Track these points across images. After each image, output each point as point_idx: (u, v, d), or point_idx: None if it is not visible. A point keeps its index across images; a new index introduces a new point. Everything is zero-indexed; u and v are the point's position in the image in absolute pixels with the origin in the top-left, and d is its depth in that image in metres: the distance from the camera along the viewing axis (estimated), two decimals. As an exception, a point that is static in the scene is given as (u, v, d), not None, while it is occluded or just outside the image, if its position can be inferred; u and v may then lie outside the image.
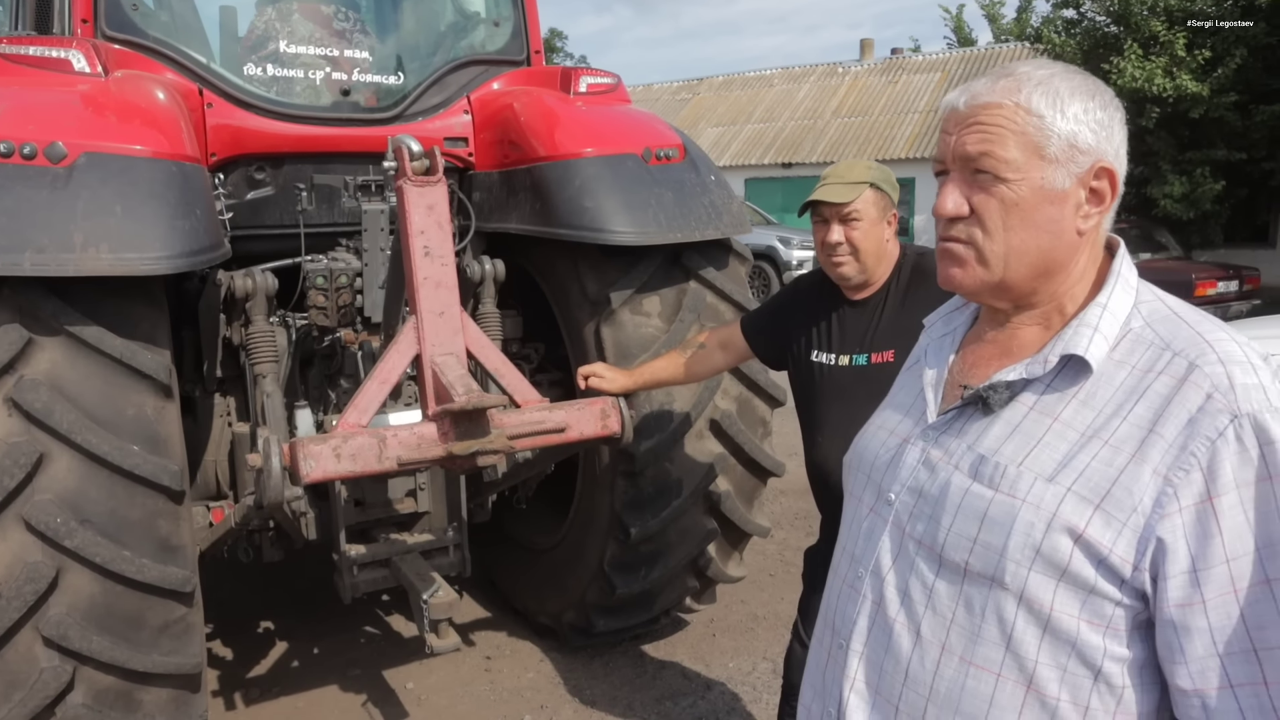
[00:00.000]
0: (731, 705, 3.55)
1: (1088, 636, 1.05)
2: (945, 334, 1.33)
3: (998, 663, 1.09)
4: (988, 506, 1.09)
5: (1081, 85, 1.11)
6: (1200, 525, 0.98)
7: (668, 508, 3.32)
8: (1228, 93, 13.15)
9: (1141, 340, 1.09)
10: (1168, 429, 1.01)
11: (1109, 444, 1.04)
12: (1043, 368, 1.12)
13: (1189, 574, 0.99)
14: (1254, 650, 0.97)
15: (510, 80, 3.82)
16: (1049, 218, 1.11)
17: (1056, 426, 1.09)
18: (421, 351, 2.59)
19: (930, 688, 1.14)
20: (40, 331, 2.36)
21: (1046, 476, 1.06)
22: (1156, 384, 1.04)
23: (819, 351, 2.46)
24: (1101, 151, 1.10)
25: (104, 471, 2.37)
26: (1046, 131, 1.09)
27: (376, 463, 2.42)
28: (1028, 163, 1.09)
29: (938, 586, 1.14)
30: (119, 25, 3.20)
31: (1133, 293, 1.14)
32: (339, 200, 3.58)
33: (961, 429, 1.18)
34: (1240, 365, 1.01)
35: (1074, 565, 1.03)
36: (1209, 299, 11.12)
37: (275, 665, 3.89)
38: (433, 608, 2.96)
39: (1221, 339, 1.05)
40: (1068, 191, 1.10)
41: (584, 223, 3.14)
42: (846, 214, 2.29)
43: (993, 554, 1.08)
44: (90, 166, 2.43)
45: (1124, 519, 1.01)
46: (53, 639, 2.31)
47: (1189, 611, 0.99)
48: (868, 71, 26.02)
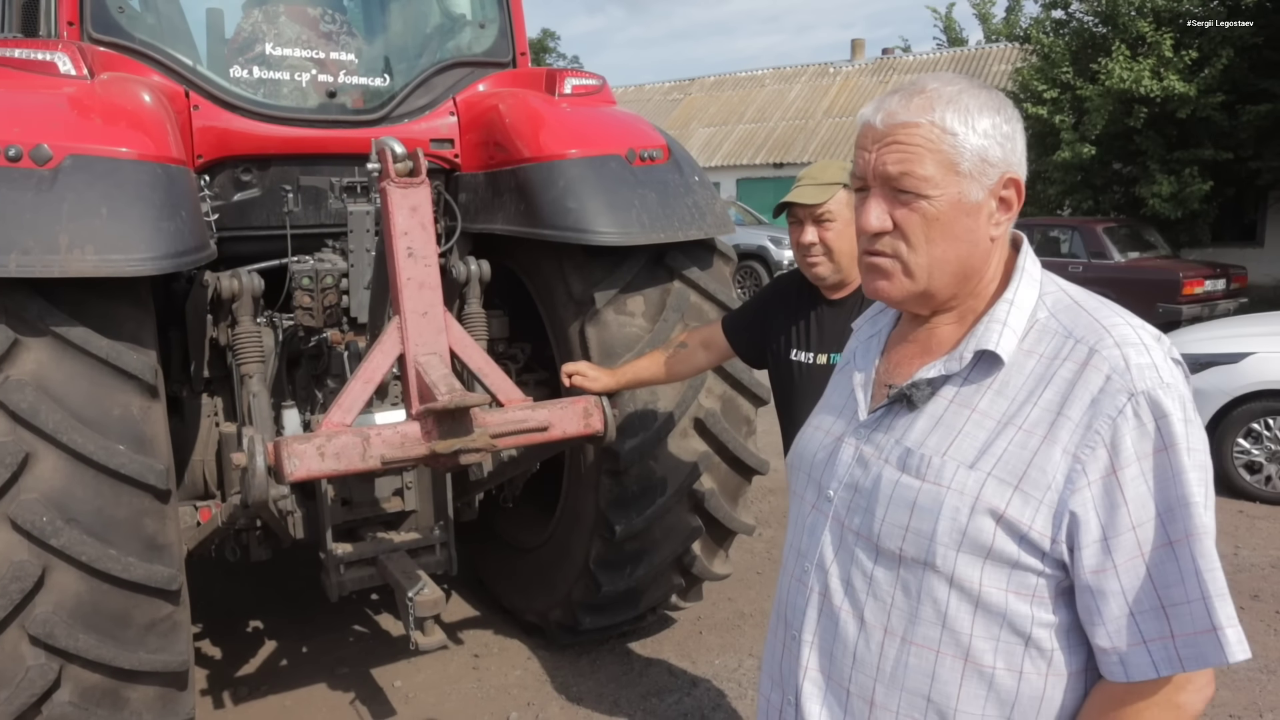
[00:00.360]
0: (717, 702, 3.58)
1: (1016, 607, 1.13)
2: (871, 335, 1.42)
3: (936, 640, 1.17)
4: (916, 496, 1.17)
5: (988, 101, 1.18)
6: (1107, 497, 1.07)
7: (652, 506, 3.35)
8: (1215, 93, 13.20)
9: (1047, 330, 1.18)
10: (1073, 410, 1.10)
11: (1022, 429, 1.13)
12: (959, 364, 1.20)
13: (1100, 543, 1.08)
14: (1162, 607, 1.06)
15: (496, 82, 3.84)
16: (966, 228, 1.18)
17: (975, 416, 1.17)
18: (405, 351, 2.62)
19: (877, 669, 1.21)
20: (26, 332, 2.38)
21: (968, 464, 1.15)
22: (1062, 370, 1.13)
23: (797, 350, 2.51)
24: (1009, 163, 1.18)
25: (90, 471, 2.39)
26: (960, 148, 1.16)
27: (360, 461, 2.45)
28: (945, 179, 1.16)
29: (876, 574, 1.22)
30: (105, 28, 3.22)
31: (1037, 285, 1.22)
32: (325, 201, 3.60)
33: (890, 425, 1.25)
34: (1134, 347, 1.11)
35: (998, 543, 1.12)
36: (1196, 297, 11.19)
37: (264, 664, 3.91)
38: (418, 605, 2.99)
39: (1117, 324, 1.14)
40: (981, 203, 1.18)
41: (568, 223, 3.17)
42: (820, 215, 2.33)
43: (923, 539, 1.16)
44: (76, 168, 2.45)
45: (1040, 497, 1.10)
46: (39, 637, 2.33)
47: (1103, 577, 1.08)
48: (859, 72, 26.10)
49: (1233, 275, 11.89)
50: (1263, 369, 5.76)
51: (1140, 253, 12.22)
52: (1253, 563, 4.88)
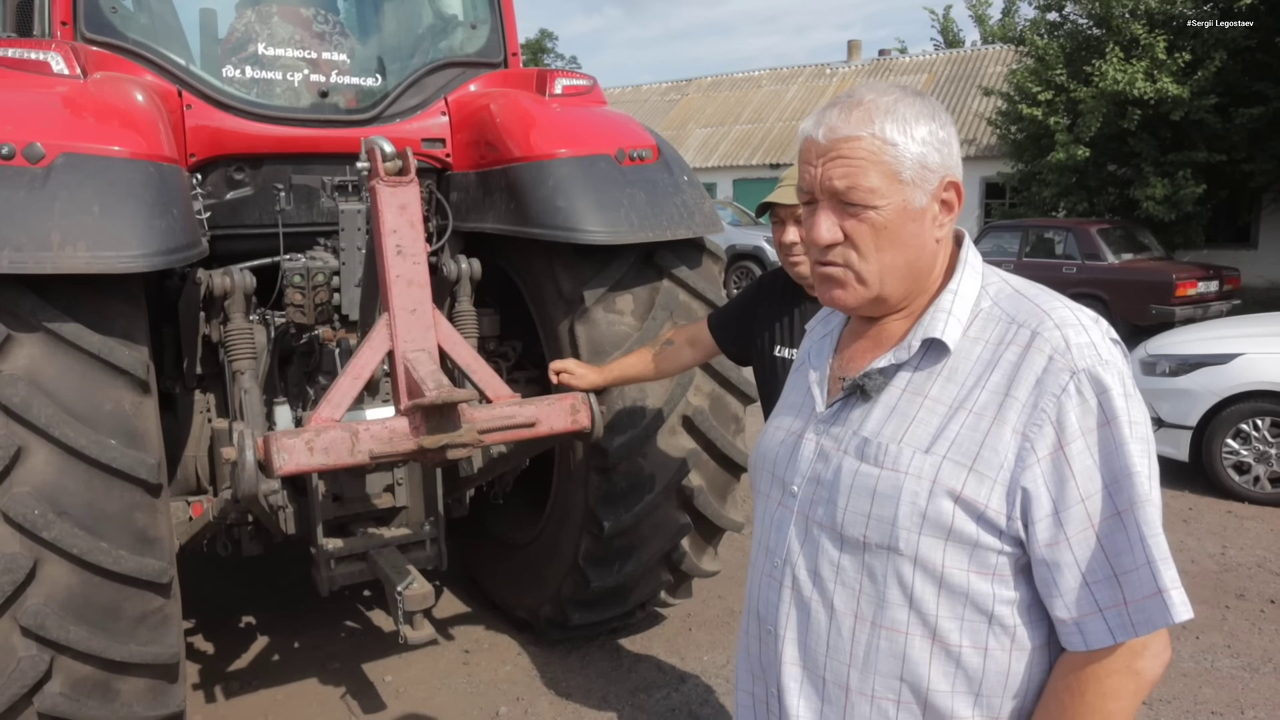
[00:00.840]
0: (705, 698, 3.61)
1: (978, 585, 1.18)
2: (825, 335, 1.46)
3: (904, 623, 1.21)
4: (875, 483, 1.21)
5: (923, 109, 1.21)
6: (1056, 472, 1.12)
7: (641, 502, 3.38)
8: (1208, 95, 13.27)
9: (992, 317, 1.23)
10: (1020, 391, 1.15)
11: (973, 412, 1.17)
12: (908, 352, 1.25)
13: (1052, 516, 1.12)
14: (1115, 575, 1.11)
15: (487, 82, 3.88)
16: (912, 233, 1.23)
17: (927, 403, 1.22)
18: (394, 348, 2.65)
19: (850, 654, 1.25)
20: (18, 328, 2.40)
21: (923, 449, 1.19)
22: (1007, 354, 1.18)
23: (781, 346, 2.55)
24: (947, 167, 1.22)
25: (82, 465, 2.41)
26: (900, 157, 1.19)
27: (349, 456, 2.48)
28: (889, 188, 1.20)
29: (843, 562, 1.25)
30: (98, 27, 3.25)
31: (979, 277, 1.28)
32: (317, 200, 3.63)
33: (846, 417, 1.29)
34: (1073, 328, 1.16)
35: (957, 524, 1.16)
36: (1190, 299, 11.23)
37: (255, 658, 3.94)
38: (408, 600, 3.02)
39: (1056, 307, 1.20)
40: (925, 208, 1.22)
41: (557, 222, 3.21)
42: (802, 215, 2.35)
43: (885, 525, 1.19)
44: (68, 167, 2.48)
45: (994, 476, 1.14)
46: (30, 628, 2.35)
47: (1056, 549, 1.13)
48: (855, 73, 26.15)
49: (1226, 277, 11.94)
50: (1252, 370, 5.80)
51: (1134, 254, 12.26)
52: (1239, 562, 4.92)
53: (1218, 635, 4.07)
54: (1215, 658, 3.88)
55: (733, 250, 16.04)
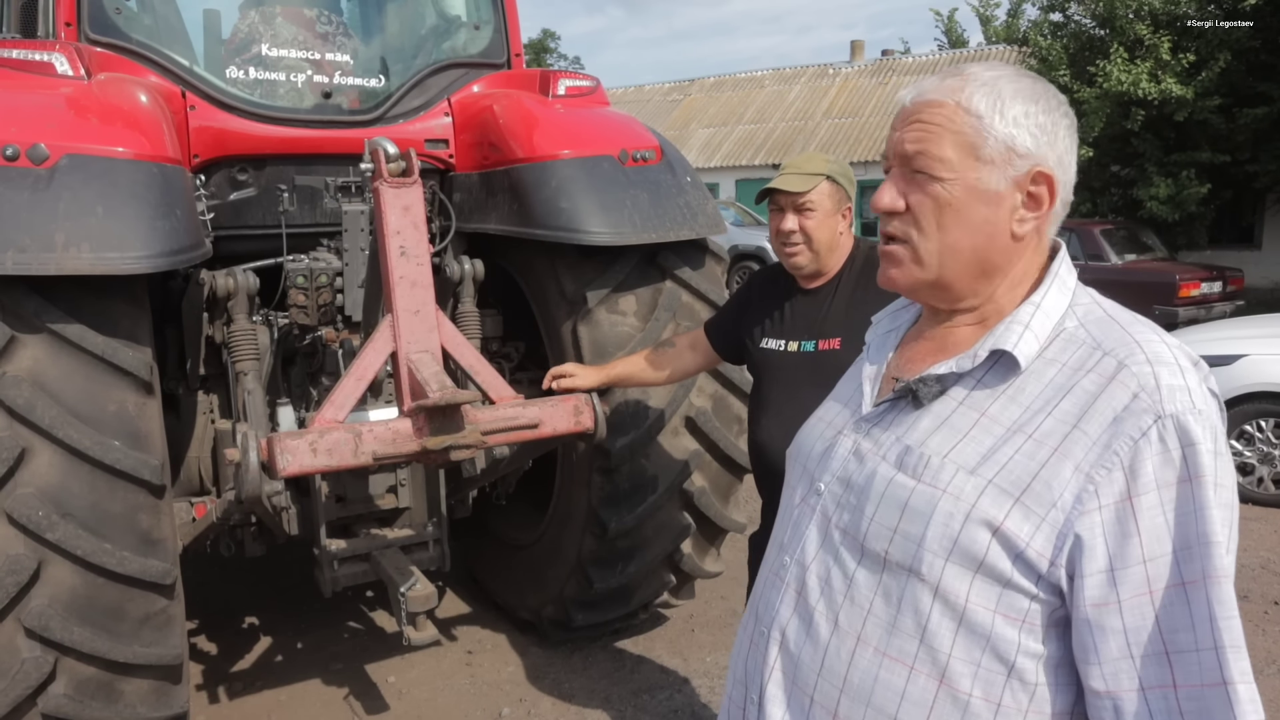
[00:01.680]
0: (707, 699, 3.61)
1: (1002, 630, 1.05)
2: (890, 330, 1.34)
3: (911, 655, 1.09)
4: (909, 496, 1.10)
5: (1028, 89, 1.11)
6: (1119, 524, 0.98)
7: (643, 503, 3.38)
8: (1212, 96, 13.25)
9: (1074, 340, 1.09)
10: (1092, 426, 1.01)
11: (1032, 438, 1.04)
12: (972, 362, 1.12)
13: (1106, 573, 0.99)
14: (1166, 653, 0.96)
15: (490, 83, 3.88)
16: (983, 218, 1.11)
17: (984, 421, 1.09)
18: (397, 349, 2.65)
19: (844, 679, 1.14)
20: (22, 329, 2.41)
21: (968, 469, 1.06)
22: (1084, 381, 1.04)
23: (769, 338, 2.54)
24: (1041, 156, 1.10)
25: (85, 466, 2.42)
26: (983, 132, 1.09)
27: (352, 457, 2.48)
28: (962, 162, 1.10)
29: (858, 576, 1.14)
30: (102, 28, 3.25)
31: (1069, 294, 1.14)
32: (320, 201, 3.63)
33: (893, 421, 1.18)
34: (1168, 367, 1.01)
35: (990, 557, 1.03)
36: (1193, 300, 11.23)
37: (258, 659, 3.94)
38: (411, 601, 3.02)
39: (1151, 340, 1.05)
40: (1003, 193, 1.10)
41: (560, 223, 3.21)
42: (801, 204, 2.37)
43: (911, 544, 1.08)
44: (72, 168, 2.48)
45: (1043, 513, 1.01)
46: (34, 630, 2.36)
47: (1104, 611, 0.99)
48: (858, 73, 26.14)
49: (1229, 278, 11.93)
50: (1256, 371, 5.80)
51: (1137, 255, 12.25)
52: (1243, 564, 4.91)
53: (1222, 637, 4.06)
54: (1219, 660, 3.87)
55: (735, 251, 16.03)
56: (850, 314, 2.38)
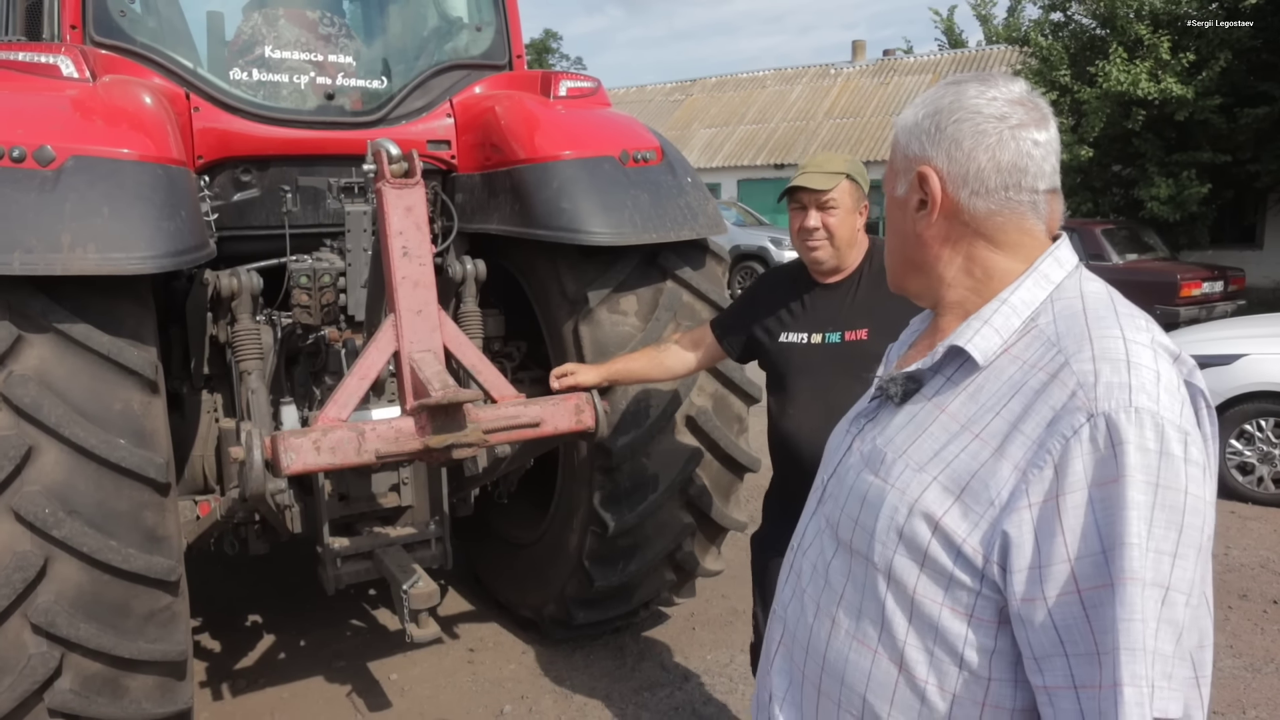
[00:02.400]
0: (707, 696, 3.63)
1: (949, 624, 1.06)
2: (915, 331, 1.39)
3: (875, 639, 1.13)
4: (867, 490, 1.17)
5: (930, 97, 1.19)
6: (1045, 523, 0.98)
7: (644, 502, 3.40)
8: (1212, 95, 13.25)
9: (1040, 336, 1.08)
10: (1030, 425, 1.01)
11: (979, 437, 1.06)
12: (932, 359, 1.15)
13: (1032, 569, 0.98)
14: (1097, 653, 0.96)
15: (492, 84, 3.90)
16: (897, 220, 1.25)
17: (943, 418, 1.12)
18: (400, 348, 2.68)
19: (824, 658, 1.21)
20: (29, 329, 2.43)
21: (917, 466, 1.10)
22: (1032, 380, 1.05)
23: (788, 332, 2.58)
24: (927, 158, 1.16)
25: (91, 464, 2.44)
26: (894, 147, 1.23)
27: (355, 455, 2.50)
28: (888, 177, 1.26)
29: (834, 564, 1.23)
30: (107, 31, 3.27)
31: (1049, 287, 1.12)
32: (323, 202, 3.66)
33: (879, 419, 1.25)
34: (1112, 363, 1.00)
35: (932, 552, 1.06)
36: (1194, 299, 11.24)
37: (261, 656, 3.96)
38: (413, 598, 3.05)
39: (1108, 335, 1.03)
40: (904, 199, 1.22)
41: (562, 223, 3.23)
42: (825, 201, 2.44)
43: (865, 534, 1.14)
44: (78, 169, 2.51)
45: (980, 511, 1.03)
46: (41, 626, 2.38)
47: (1031, 607, 0.99)
48: (859, 73, 26.15)
49: (1230, 277, 11.94)
50: (1256, 370, 5.81)
51: (1138, 255, 12.26)
52: (1242, 562, 4.93)
53: (1220, 636, 4.08)
54: (1218, 658, 3.89)
55: (737, 251, 16.04)
56: (876, 306, 2.45)
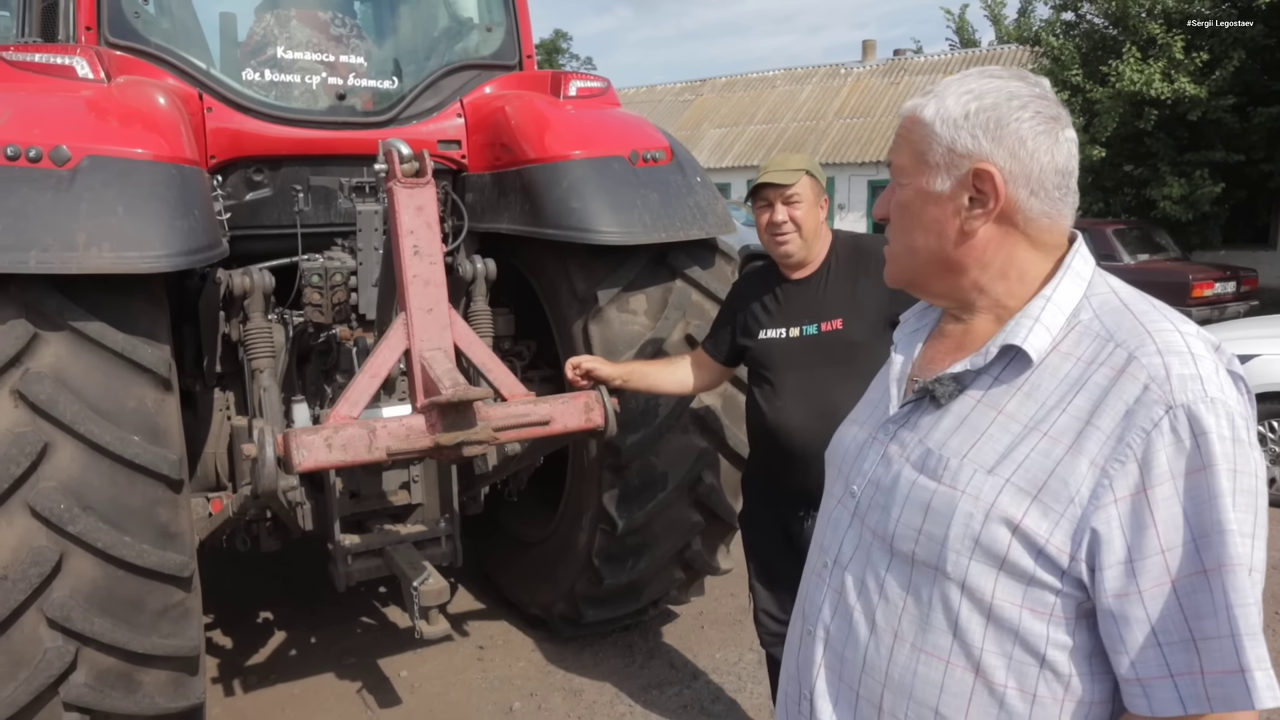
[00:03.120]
0: (716, 694, 3.64)
1: (1030, 625, 1.07)
2: (916, 329, 1.36)
3: (946, 650, 1.12)
4: (930, 498, 1.13)
5: (975, 90, 1.14)
6: (1135, 516, 1.00)
7: (653, 500, 3.41)
8: (1226, 95, 13.18)
9: (1088, 332, 1.10)
10: (1105, 420, 1.02)
11: (1048, 435, 1.06)
12: (984, 359, 1.15)
13: (1125, 564, 1.00)
14: (1192, 640, 0.98)
15: (503, 84, 3.92)
16: (933, 218, 1.17)
17: (1000, 419, 1.11)
18: (410, 346, 2.69)
19: (886, 674, 1.17)
20: (45, 327, 2.46)
21: (986, 468, 1.09)
22: (1097, 375, 1.06)
23: (767, 329, 2.68)
24: (983, 154, 1.12)
25: (106, 460, 2.46)
26: (929, 138, 1.16)
27: (366, 452, 2.52)
28: (915, 168, 1.18)
29: (889, 576, 1.18)
30: (122, 32, 3.30)
31: (1084, 284, 1.15)
32: (335, 201, 3.68)
33: (916, 423, 1.21)
34: (1179, 356, 1.02)
35: (1012, 555, 1.05)
36: (1206, 300, 11.18)
37: (273, 653, 3.99)
38: (423, 595, 3.07)
39: (1164, 329, 1.06)
40: (946, 194, 1.15)
41: (571, 223, 3.24)
42: (789, 196, 2.56)
43: (935, 544, 1.11)
44: (93, 169, 2.53)
45: (1061, 510, 1.03)
46: (56, 620, 2.41)
47: (1126, 601, 1.01)
48: (870, 73, 26.09)
49: (1243, 278, 11.87)
50: (1268, 371, 5.78)
51: (1150, 255, 12.21)
52: (1253, 563, 4.90)
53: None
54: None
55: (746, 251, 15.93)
56: (847, 296, 2.58)
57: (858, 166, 22.60)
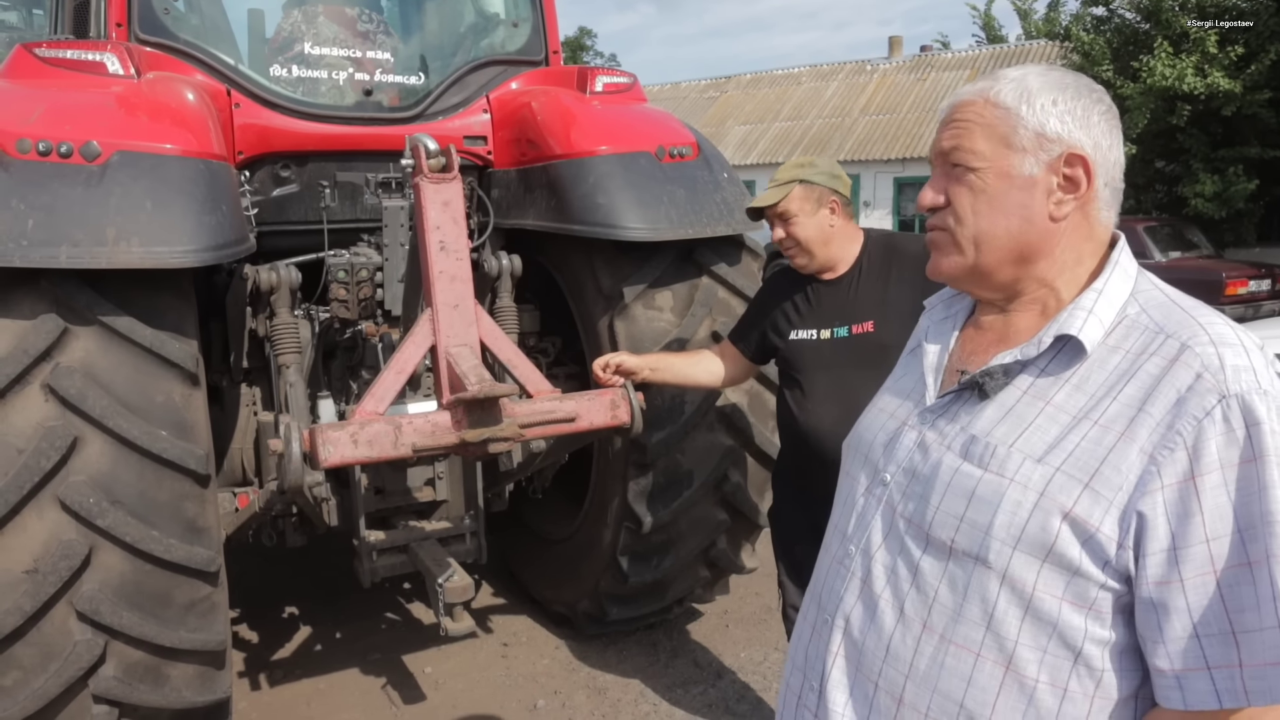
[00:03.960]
0: (741, 694, 3.61)
1: (1069, 618, 1.05)
2: (945, 318, 1.35)
3: (978, 642, 1.10)
4: (976, 485, 1.11)
5: (1056, 79, 1.15)
6: (1182, 503, 0.98)
7: (679, 498, 3.39)
8: (1261, 89, 12.94)
9: (1137, 325, 1.10)
10: (1156, 408, 1.02)
11: (1099, 424, 1.05)
12: (1036, 349, 1.14)
13: (1168, 552, 0.99)
14: (1232, 632, 0.97)
15: (529, 80, 3.91)
16: (1017, 203, 1.15)
17: (1049, 410, 1.10)
18: (437, 343, 2.69)
19: (910, 665, 1.15)
20: (75, 321, 2.47)
21: (1036, 457, 1.08)
22: (1148, 365, 1.05)
23: (798, 330, 2.65)
24: (1073, 140, 1.12)
25: (134, 455, 2.47)
26: (1012, 121, 1.14)
27: (392, 449, 2.52)
28: (995, 152, 1.15)
29: (923, 565, 1.16)
30: (152, 29, 3.32)
31: (1131, 280, 1.15)
32: (361, 197, 3.69)
33: (956, 413, 1.20)
34: (1232, 347, 1.02)
35: (1060, 545, 1.04)
36: (1240, 298, 11.00)
37: (298, 648, 4.01)
38: (448, 592, 3.06)
39: (1215, 322, 1.06)
40: (1037, 178, 1.14)
41: (597, 219, 3.23)
42: (780, 213, 2.54)
43: (978, 532, 1.09)
44: (123, 164, 2.54)
45: (1111, 497, 1.02)
46: (86, 613, 2.42)
47: (1167, 590, 0.99)
48: (896, 69, 25.88)
49: (1278, 275, 11.66)
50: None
51: (1182, 252, 12.03)
52: None
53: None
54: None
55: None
56: (878, 297, 2.54)
57: (883, 164, 22.43)
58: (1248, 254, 14.09)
